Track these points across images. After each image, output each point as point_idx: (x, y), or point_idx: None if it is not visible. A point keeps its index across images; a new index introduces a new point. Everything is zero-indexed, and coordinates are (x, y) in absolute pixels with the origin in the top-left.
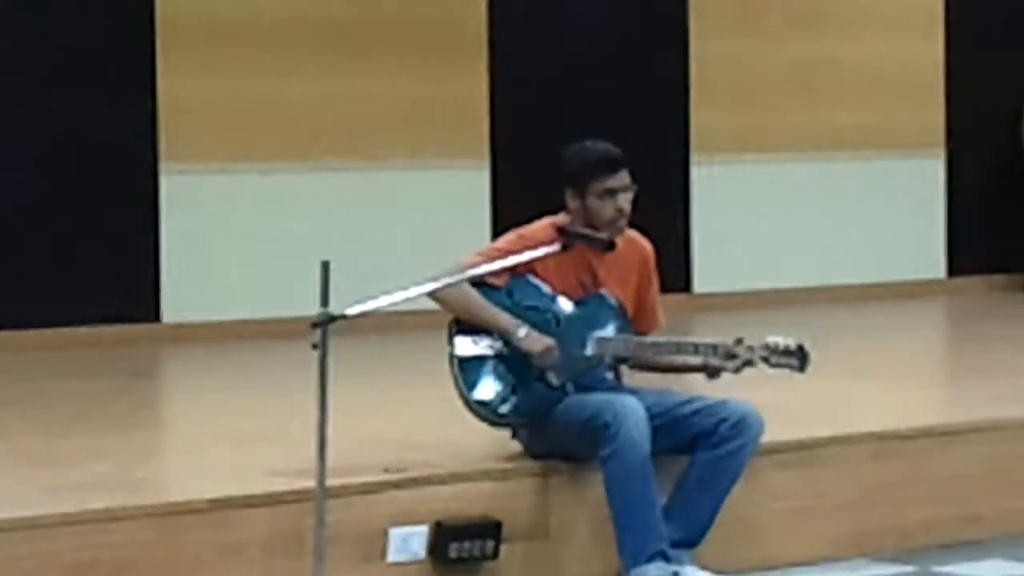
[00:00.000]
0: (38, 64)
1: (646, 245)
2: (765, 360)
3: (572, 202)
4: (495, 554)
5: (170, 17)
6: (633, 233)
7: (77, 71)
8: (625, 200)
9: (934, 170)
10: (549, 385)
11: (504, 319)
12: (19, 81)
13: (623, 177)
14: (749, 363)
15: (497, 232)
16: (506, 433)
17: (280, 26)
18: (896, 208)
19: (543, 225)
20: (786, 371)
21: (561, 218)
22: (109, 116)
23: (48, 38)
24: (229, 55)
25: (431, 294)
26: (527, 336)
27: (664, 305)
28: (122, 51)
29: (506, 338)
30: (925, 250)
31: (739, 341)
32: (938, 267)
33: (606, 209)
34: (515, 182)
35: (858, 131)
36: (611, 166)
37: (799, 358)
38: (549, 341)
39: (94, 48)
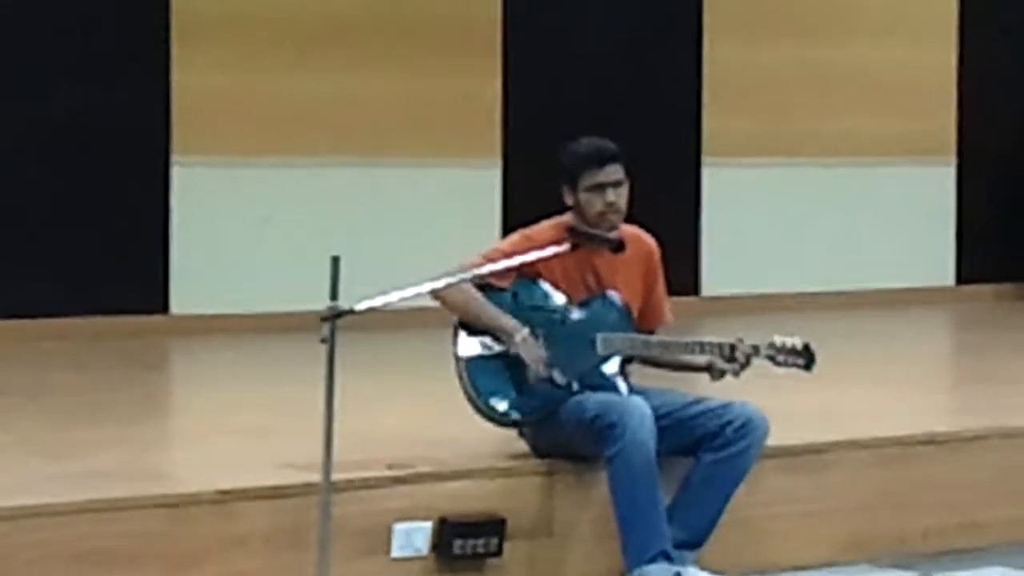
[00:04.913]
0: (52, 54)
1: (650, 242)
2: (771, 359)
3: (568, 198)
4: (499, 551)
5: (186, 10)
6: (637, 230)
7: (91, 61)
8: (615, 195)
9: (945, 177)
10: (555, 384)
11: (503, 320)
12: (33, 70)
13: (611, 171)
14: (748, 364)
15: (507, 230)
16: (511, 431)
17: (294, 21)
18: (906, 215)
19: (548, 226)
20: (792, 370)
21: (567, 218)
22: (122, 107)
23: (64, 28)
24: (244, 49)
25: (434, 294)
26: (523, 341)
27: (672, 307)
28: (137, 43)
29: (504, 340)
30: (934, 257)
31: (740, 341)
32: (947, 274)
33: (595, 203)
34: (527, 181)
35: (870, 137)
36: (599, 160)
37: (805, 357)
38: (543, 353)
39: (109, 39)
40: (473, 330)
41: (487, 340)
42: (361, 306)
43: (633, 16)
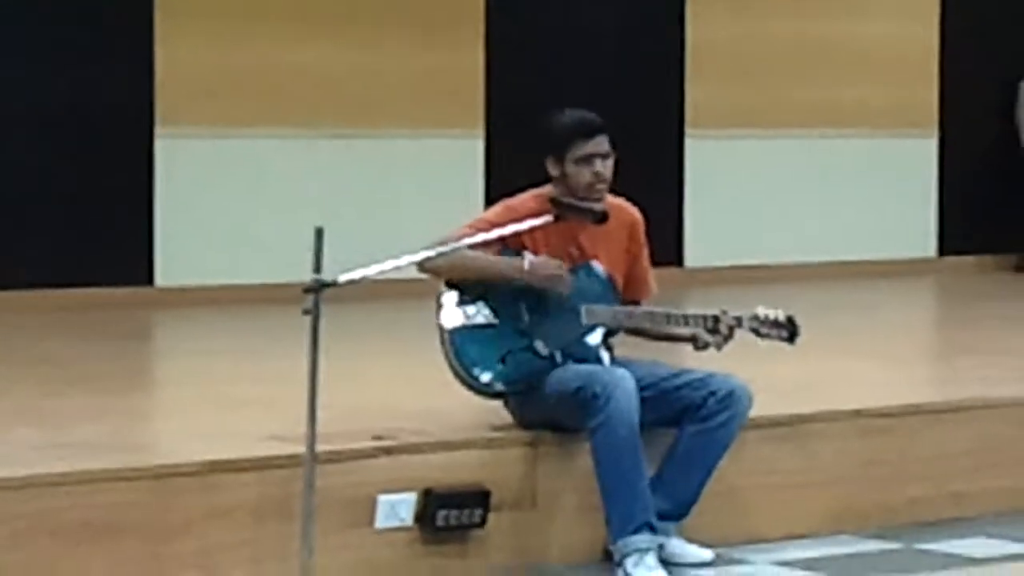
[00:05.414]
0: (37, 28)
1: (634, 212)
2: (755, 331)
3: (553, 169)
4: (483, 522)
5: None
6: (620, 201)
7: (75, 35)
8: (603, 166)
9: (927, 150)
10: (539, 355)
11: (504, 263)
12: (18, 46)
13: (599, 143)
14: (731, 336)
15: (490, 202)
16: (495, 402)
17: None
18: (888, 187)
19: (530, 196)
20: (776, 342)
21: (548, 189)
22: (106, 80)
23: (48, 4)
24: (227, 22)
25: (422, 265)
26: (536, 265)
27: (656, 279)
28: (121, 16)
29: (515, 277)
30: (916, 229)
31: (724, 312)
32: (929, 246)
33: (583, 175)
34: (509, 152)
35: (852, 110)
36: (587, 132)
37: (788, 329)
38: (558, 265)
39: (93, 12)
40: (457, 301)
41: (471, 310)
42: (344, 278)
43: None
